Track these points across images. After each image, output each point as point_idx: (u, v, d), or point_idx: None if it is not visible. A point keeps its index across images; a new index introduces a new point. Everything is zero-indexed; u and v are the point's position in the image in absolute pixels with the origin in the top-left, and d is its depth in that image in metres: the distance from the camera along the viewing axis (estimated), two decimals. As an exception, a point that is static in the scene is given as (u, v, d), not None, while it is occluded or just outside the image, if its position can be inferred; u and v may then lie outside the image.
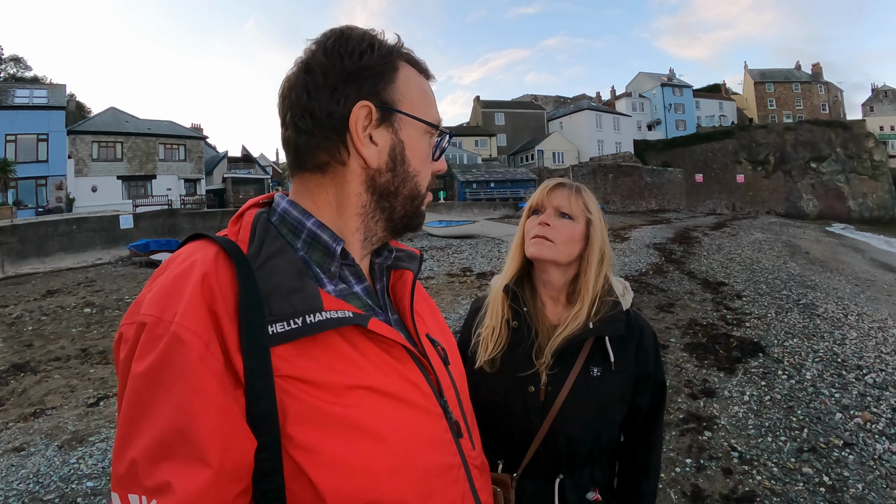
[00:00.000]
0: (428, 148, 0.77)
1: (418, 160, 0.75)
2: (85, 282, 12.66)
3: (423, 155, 0.76)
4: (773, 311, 7.62)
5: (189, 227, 23.11)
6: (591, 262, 1.23)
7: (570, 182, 1.29)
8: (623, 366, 1.19)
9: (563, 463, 1.18)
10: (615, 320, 1.18)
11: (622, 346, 1.20)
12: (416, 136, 0.74)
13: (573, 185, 1.28)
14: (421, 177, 0.76)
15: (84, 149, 28.68)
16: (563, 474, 1.18)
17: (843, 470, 3.37)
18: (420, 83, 0.76)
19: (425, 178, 0.77)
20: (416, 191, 0.75)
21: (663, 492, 3.16)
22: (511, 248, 1.33)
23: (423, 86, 0.76)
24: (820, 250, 18.75)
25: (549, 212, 1.24)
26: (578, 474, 1.20)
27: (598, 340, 1.19)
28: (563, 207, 1.23)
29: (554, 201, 1.24)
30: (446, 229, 20.14)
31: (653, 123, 54.35)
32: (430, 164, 0.78)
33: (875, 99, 60.89)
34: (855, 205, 47.89)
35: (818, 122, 52.80)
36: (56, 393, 5.72)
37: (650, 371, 1.23)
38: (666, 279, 10.11)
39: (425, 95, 0.76)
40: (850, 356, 5.55)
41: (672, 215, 34.30)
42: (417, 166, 0.75)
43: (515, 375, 1.19)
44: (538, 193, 1.28)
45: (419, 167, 0.75)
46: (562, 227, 1.22)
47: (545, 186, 1.28)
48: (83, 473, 3.56)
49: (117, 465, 0.53)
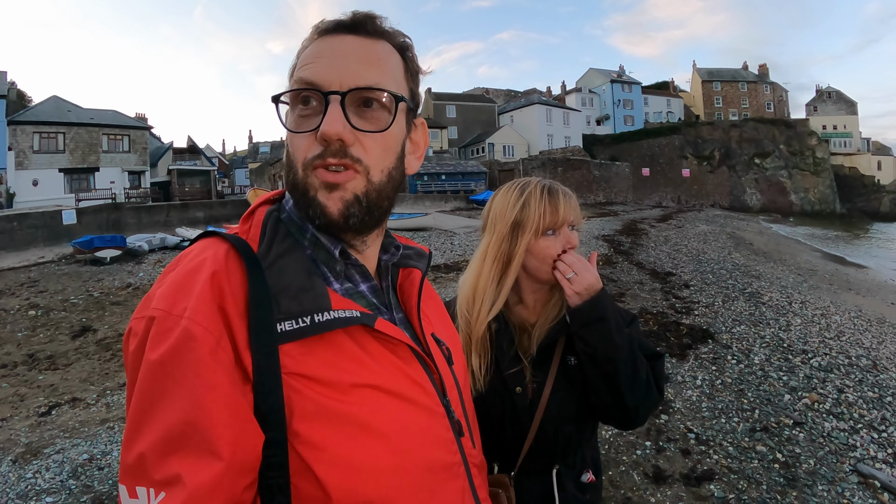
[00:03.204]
0: (293, 120, 0.67)
1: (288, 141, 0.69)
2: (28, 282, 11.95)
3: (287, 133, 0.68)
4: (720, 300, 7.97)
5: (134, 222, 22.14)
6: None
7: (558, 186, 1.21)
8: None
9: (558, 454, 1.19)
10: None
11: None
12: (288, 118, 0.69)
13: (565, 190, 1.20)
14: (293, 157, 0.67)
15: (25, 140, 27.00)
16: (559, 464, 1.19)
17: (795, 447, 3.58)
18: (299, 59, 0.70)
19: (296, 156, 0.67)
20: (294, 175, 0.67)
21: (626, 473, 3.29)
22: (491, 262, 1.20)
23: (299, 60, 0.69)
24: (763, 242, 19.72)
25: (565, 231, 1.15)
26: (572, 461, 1.21)
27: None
28: (576, 220, 1.17)
29: (569, 216, 1.15)
30: (398, 222, 19.93)
31: (602, 118, 55.74)
32: (298, 137, 0.67)
33: (819, 99, 64.39)
34: (797, 199, 50.45)
35: (763, 119, 55.34)
36: (5, 403, 5.40)
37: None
38: (616, 270, 10.42)
39: (295, 65, 0.69)
40: (795, 341, 5.88)
41: (619, 208, 35.01)
42: (289, 148, 0.68)
43: (502, 379, 1.18)
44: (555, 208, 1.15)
45: (290, 147, 0.68)
46: (576, 241, 1.17)
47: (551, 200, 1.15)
48: (41, 488, 3.38)
49: (125, 457, 0.53)
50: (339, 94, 0.64)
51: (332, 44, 0.67)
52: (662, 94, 61.77)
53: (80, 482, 3.44)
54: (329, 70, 0.65)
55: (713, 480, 3.20)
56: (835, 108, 62.90)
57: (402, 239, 0.87)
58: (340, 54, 0.67)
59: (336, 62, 0.66)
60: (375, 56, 0.68)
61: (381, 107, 0.68)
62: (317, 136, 0.64)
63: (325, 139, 0.63)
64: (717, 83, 61.33)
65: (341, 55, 0.67)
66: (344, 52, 0.67)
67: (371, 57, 0.68)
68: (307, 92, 0.66)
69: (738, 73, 62.94)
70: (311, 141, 0.65)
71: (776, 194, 50.19)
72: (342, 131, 0.63)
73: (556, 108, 49.80)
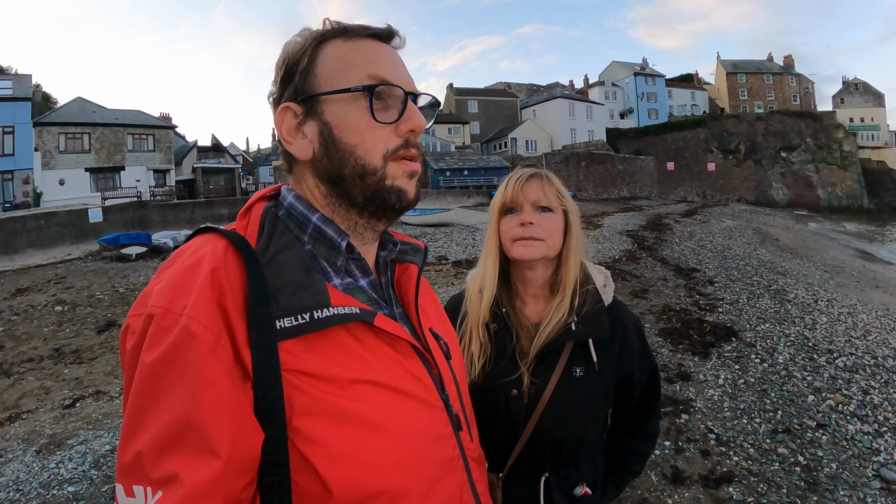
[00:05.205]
0: (361, 114, 0.69)
1: (351, 132, 0.69)
2: (55, 279, 12.30)
3: (356, 125, 0.69)
4: (744, 297, 7.81)
5: (159, 220, 22.58)
6: (571, 250, 1.19)
7: (538, 170, 1.23)
8: (606, 364, 1.16)
9: (548, 462, 1.17)
10: (597, 322, 1.14)
11: (605, 345, 1.16)
12: (340, 110, 0.69)
13: (542, 174, 1.21)
14: (362, 149, 0.69)
15: (51, 141, 27.61)
16: (549, 472, 1.17)
17: (817, 450, 3.50)
18: (339, 52, 0.71)
19: (372, 148, 0.69)
20: (360, 167, 0.69)
21: (644, 474, 3.23)
22: (484, 248, 1.25)
23: (342, 53, 0.71)
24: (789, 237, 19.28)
25: (528, 208, 1.17)
26: (564, 471, 1.18)
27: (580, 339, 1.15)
28: (541, 201, 1.17)
29: (530, 196, 1.17)
30: (420, 217, 20.05)
31: (625, 112, 54.87)
32: (377, 129, 0.70)
33: (846, 91, 62.26)
34: (824, 194, 49.16)
35: (789, 112, 53.94)
36: (31, 395, 5.58)
37: (635, 370, 1.20)
38: (639, 266, 10.26)
39: (345, 62, 0.70)
40: (820, 340, 5.74)
41: (644, 203, 34.70)
42: (353, 140, 0.69)
43: (498, 380, 1.16)
44: (510, 189, 1.19)
45: (356, 140, 0.69)
46: (545, 222, 1.16)
47: (515, 180, 1.19)
48: (64, 478, 3.47)
49: (123, 456, 0.53)
50: (414, 94, 0.73)
51: (384, 49, 0.73)
52: (686, 86, 60.60)
53: (102, 472, 3.52)
54: (399, 72, 0.73)
55: (732, 483, 3.13)
56: (862, 99, 60.79)
57: (398, 235, 0.88)
58: (398, 61, 0.74)
59: (399, 67, 0.74)
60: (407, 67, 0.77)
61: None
62: (398, 129, 0.71)
63: (417, 132, 0.73)
64: (742, 75, 59.91)
65: (399, 62, 0.75)
66: (398, 60, 0.75)
67: (407, 68, 0.77)
68: (390, 88, 0.71)
69: (763, 64, 61.41)
70: (389, 133, 0.71)
71: (803, 189, 49.01)
72: (426, 124, 0.74)
73: (579, 102, 49.24)
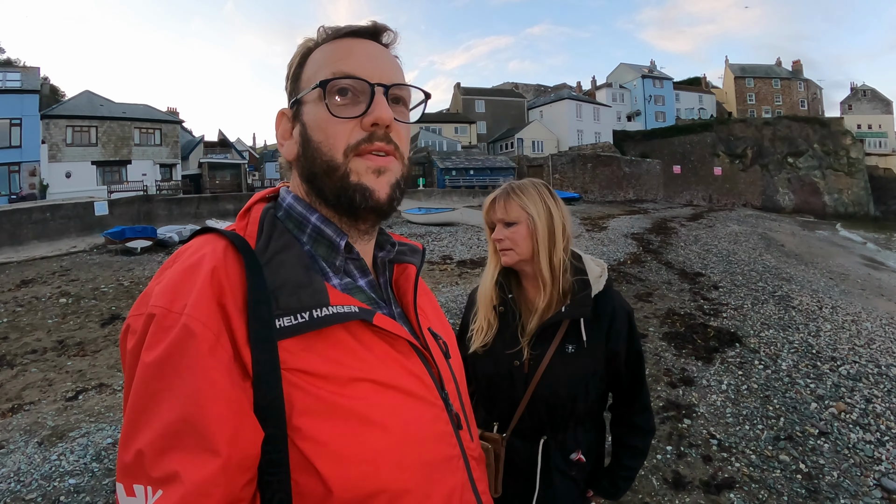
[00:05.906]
0: (323, 110, 0.69)
1: (318, 129, 0.70)
2: (60, 271, 12.36)
3: (320, 121, 0.69)
4: (749, 302, 7.77)
5: (165, 214, 22.69)
6: (539, 251, 1.37)
7: (503, 190, 1.44)
8: (595, 343, 1.36)
9: (546, 425, 1.37)
10: (582, 304, 1.34)
11: (594, 326, 1.36)
12: (311, 109, 0.71)
13: (504, 193, 1.42)
14: (325, 145, 0.69)
15: (58, 133, 27.79)
16: (547, 435, 1.38)
17: (819, 458, 3.48)
18: (320, 55, 0.72)
19: (335, 144, 0.69)
20: (325, 164, 0.69)
21: (645, 478, 3.23)
22: (489, 250, 1.50)
23: (321, 56, 0.72)
24: (795, 243, 19.16)
25: (499, 227, 1.42)
26: (562, 436, 1.38)
27: (574, 321, 1.35)
28: (505, 218, 1.40)
29: (496, 216, 1.42)
30: (426, 216, 20.10)
31: (632, 114, 54.65)
32: (338, 124, 0.69)
33: (854, 97, 61.89)
34: (830, 200, 48.79)
35: (796, 117, 53.52)
36: (34, 387, 5.61)
37: (621, 348, 1.38)
38: (644, 269, 10.24)
39: (321, 63, 0.71)
40: (824, 348, 5.70)
41: (650, 206, 34.55)
42: (319, 136, 0.70)
43: (504, 352, 1.39)
44: (484, 211, 1.48)
45: (321, 136, 0.69)
46: (511, 234, 1.39)
47: (487, 203, 1.46)
48: (65, 470, 3.48)
49: (123, 455, 0.53)
50: (384, 86, 0.70)
51: (361, 45, 0.72)
52: (694, 89, 60.25)
53: (103, 465, 3.53)
54: (368, 65, 0.70)
55: (734, 489, 3.11)
56: (870, 106, 60.40)
57: (396, 236, 0.88)
58: (374, 54, 0.72)
59: (372, 60, 0.71)
60: (395, 61, 0.76)
61: (404, 104, 0.75)
62: (362, 122, 0.68)
63: (379, 123, 0.69)
64: (750, 79, 59.62)
65: (375, 55, 0.72)
66: (375, 53, 0.73)
67: (394, 61, 0.75)
68: (352, 82, 0.69)
69: (772, 69, 61.13)
70: (352, 127, 0.69)
71: (809, 195, 48.66)
72: (392, 117, 0.70)
73: (587, 104, 49.11)
